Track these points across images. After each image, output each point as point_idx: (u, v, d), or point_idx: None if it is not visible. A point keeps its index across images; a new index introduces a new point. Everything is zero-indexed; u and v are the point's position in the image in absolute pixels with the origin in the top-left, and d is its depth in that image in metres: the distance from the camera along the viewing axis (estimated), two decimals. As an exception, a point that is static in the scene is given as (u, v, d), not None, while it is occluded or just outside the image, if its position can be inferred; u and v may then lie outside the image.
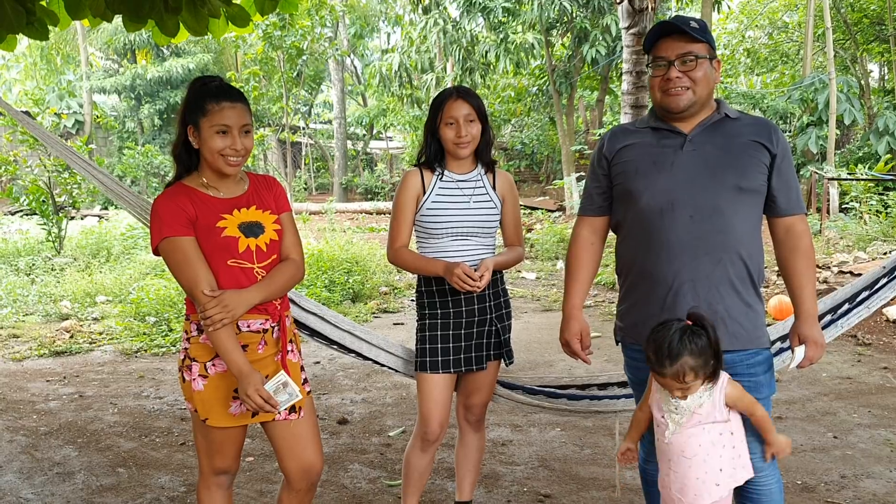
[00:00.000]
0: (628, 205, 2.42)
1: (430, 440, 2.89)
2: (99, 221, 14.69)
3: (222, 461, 2.46)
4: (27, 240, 11.53)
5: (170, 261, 2.28)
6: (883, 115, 17.05)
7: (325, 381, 5.47)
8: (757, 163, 2.30)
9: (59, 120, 13.83)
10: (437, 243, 2.83)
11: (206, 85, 2.31)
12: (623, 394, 3.28)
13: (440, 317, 2.84)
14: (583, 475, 3.76)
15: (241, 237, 2.32)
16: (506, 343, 2.92)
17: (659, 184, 2.32)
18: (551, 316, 7.74)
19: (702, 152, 2.31)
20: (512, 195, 2.94)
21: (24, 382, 5.52)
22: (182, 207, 2.28)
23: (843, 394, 5.03)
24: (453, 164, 2.85)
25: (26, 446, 4.23)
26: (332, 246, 10.22)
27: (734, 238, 2.29)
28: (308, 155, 26.48)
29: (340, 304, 8.07)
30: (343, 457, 4.05)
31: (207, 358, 2.33)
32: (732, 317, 2.30)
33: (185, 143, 2.35)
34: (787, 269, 2.40)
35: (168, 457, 4.08)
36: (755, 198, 2.32)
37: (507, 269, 2.99)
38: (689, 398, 2.18)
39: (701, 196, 2.28)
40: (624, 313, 2.50)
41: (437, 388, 2.85)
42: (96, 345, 6.67)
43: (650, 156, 2.36)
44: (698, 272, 2.29)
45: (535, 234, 12.17)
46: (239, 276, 2.31)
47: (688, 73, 2.28)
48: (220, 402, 2.34)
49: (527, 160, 22.80)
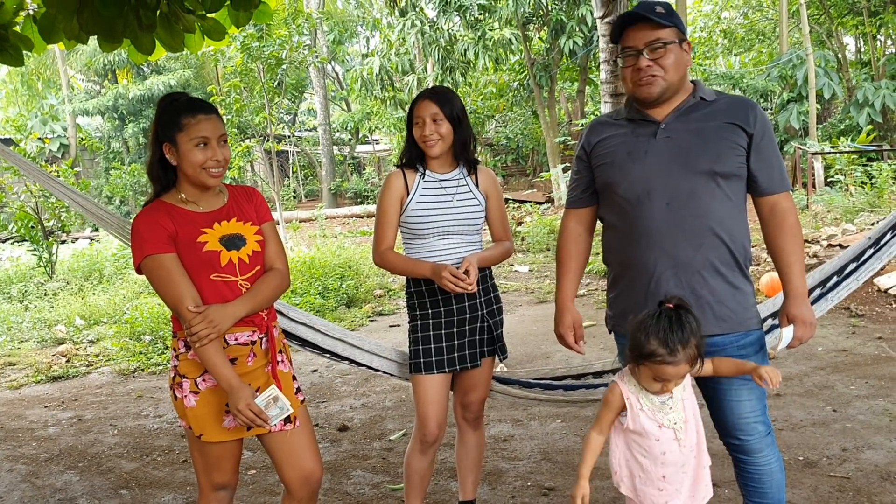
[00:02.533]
0: (608, 196, 2.44)
1: (429, 442, 2.90)
2: (90, 243, 14.63)
3: (220, 476, 2.46)
4: (18, 266, 11.49)
5: (153, 278, 2.28)
6: (862, 87, 17.15)
7: (324, 389, 5.47)
8: (732, 146, 2.29)
9: (43, 145, 13.79)
10: (423, 243, 2.84)
11: (176, 101, 2.32)
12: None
13: (432, 317, 2.85)
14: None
15: (223, 251, 2.32)
16: (499, 338, 2.93)
17: (634, 173, 2.34)
18: (546, 308, 7.76)
19: (676, 139, 2.31)
20: (496, 191, 2.95)
21: (23, 410, 5.50)
22: (161, 224, 2.27)
23: (840, 366, 5.06)
24: (434, 164, 2.87)
25: (27, 474, 4.22)
26: (323, 252, 10.22)
27: (714, 222, 2.29)
28: (295, 163, 26.42)
29: (335, 310, 8.07)
30: (345, 464, 4.06)
31: (197, 374, 2.33)
32: (718, 300, 2.31)
33: (160, 161, 2.33)
34: (773, 247, 2.40)
35: (170, 475, 4.07)
36: (734, 181, 2.32)
37: (496, 265, 3.00)
38: (674, 392, 2.17)
39: (676, 183, 2.29)
40: (612, 302, 2.52)
41: (433, 389, 2.85)
42: (93, 367, 6.66)
43: (625, 146, 2.38)
44: (679, 258, 2.30)
45: (526, 227, 12.18)
46: (223, 290, 2.31)
47: (657, 61, 2.28)
48: (214, 417, 2.34)
49: (513, 154, 22.84)
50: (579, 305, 2.58)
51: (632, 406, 2.18)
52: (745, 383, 2.34)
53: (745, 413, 2.36)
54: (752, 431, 2.37)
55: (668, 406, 2.17)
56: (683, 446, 2.18)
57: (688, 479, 2.23)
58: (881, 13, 19.14)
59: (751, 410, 2.36)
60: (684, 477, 2.22)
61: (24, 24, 3.80)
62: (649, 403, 2.17)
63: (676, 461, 2.19)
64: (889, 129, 17.63)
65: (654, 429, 2.17)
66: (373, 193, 22.60)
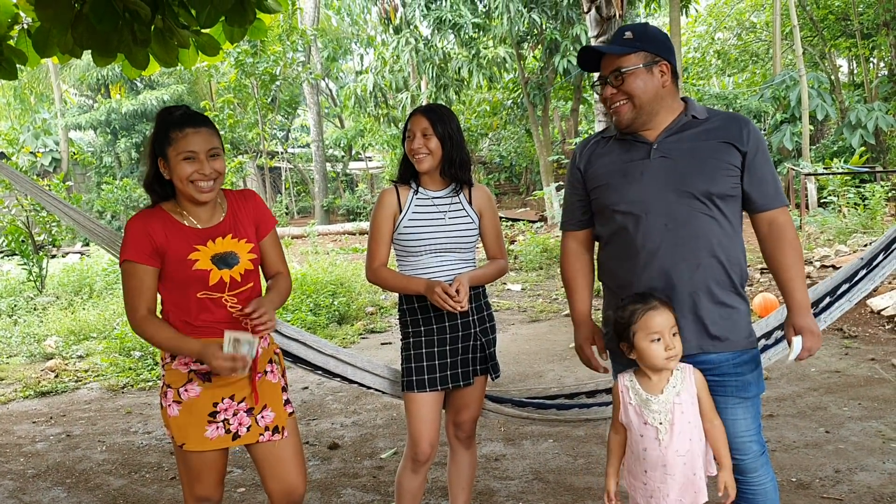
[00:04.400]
0: (604, 218, 2.43)
1: (420, 461, 2.87)
2: (80, 258, 14.56)
3: (202, 489, 2.44)
4: (8, 280, 11.41)
5: (124, 280, 2.33)
6: (855, 109, 17.28)
7: (315, 407, 5.43)
8: (725, 166, 2.28)
9: (35, 159, 13.76)
10: (416, 260, 2.84)
11: (170, 114, 2.34)
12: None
13: (424, 334, 2.84)
14: (577, 485, 3.75)
15: (214, 269, 2.33)
16: (491, 357, 2.91)
17: (630, 195, 2.33)
18: (538, 327, 7.75)
19: (670, 159, 2.31)
20: (490, 208, 2.94)
21: (10, 425, 5.44)
22: (151, 236, 2.29)
23: (833, 387, 5.05)
24: (427, 181, 2.87)
25: (14, 490, 4.17)
26: (315, 269, 10.19)
27: (712, 242, 2.29)
28: (288, 179, 26.44)
29: (327, 328, 8.03)
30: (336, 482, 4.02)
31: (180, 384, 2.35)
32: (713, 320, 2.30)
33: (157, 176, 2.35)
34: (774, 262, 2.39)
35: (158, 492, 4.03)
36: (729, 201, 2.32)
37: (490, 283, 2.99)
38: (664, 392, 2.22)
39: (673, 203, 2.28)
40: (605, 322, 2.51)
41: (425, 407, 2.83)
42: (82, 382, 6.60)
43: (619, 168, 2.37)
44: (676, 279, 2.29)
45: (519, 246, 12.19)
46: (209, 306, 2.34)
47: (620, 88, 2.29)
48: (195, 426, 2.36)
49: (506, 173, 22.91)
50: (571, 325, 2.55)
51: (622, 398, 2.30)
52: (741, 402, 2.33)
53: (741, 432, 2.34)
54: (746, 451, 2.35)
55: (652, 403, 2.24)
56: (665, 448, 2.21)
57: (675, 484, 2.24)
58: (874, 36, 19.36)
59: (745, 430, 2.34)
60: (668, 479, 2.23)
61: (19, 37, 3.79)
62: (636, 398, 2.27)
63: (656, 461, 2.23)
64: (882, 150, 17.77)
65: (639, 424, 2.26)
66: (365, 210, 22.65)
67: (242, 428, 2.41)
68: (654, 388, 2.25)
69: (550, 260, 11.35)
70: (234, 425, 2.40)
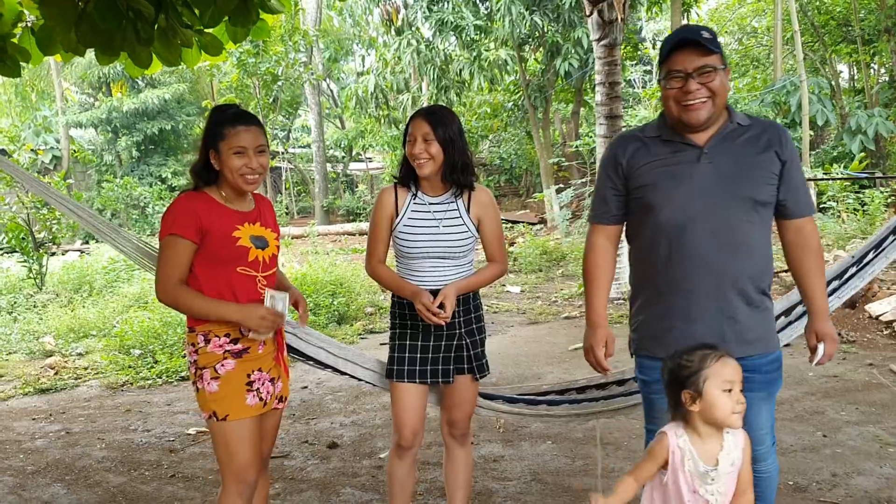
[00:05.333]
0: (646, 218, 2.43)
1: (404, 447, 2.95)
2: (80, 256, 14.57)
3: (244, 460, 2.56)
4: (8, 277, 11.41)
5: (163, 253, 2.51)
6: (855, 115, 17.30)
7: (314, 406, 5.44)
8: (768, 174, 2.33)
9: (35, 156, 13.76)
10: (412, 263, 2.89)
11: (223, 112, 2.56)
12: (601, 395, 3.32)
13: (409, 328, 2.91)
14: (576, 487, 3.76)
15: (252, 248, 2.56)
16: (476, 357, 2.93)
17: (678, 199, 2.34)
18: (537, 329, 7.76)
19: (717, 165, 2.33)
20: (490, 213, 2.94)
21: (10, 422, 5.45)
22: (198, 214, 2.49)
23: (831, 392, 5.07)
24: (425, 185, 2.89)
25: (13, 486, 4.18)
26: (315, 269, 10.20)
27: (751, 248, 2.34)
28: (288, 179, 26.45)
29: (326, 327, 8.05)
30: (335, 481, 4.03)
31: (216, 361, 2.53)
32: (749, 326, 2.36)
33: (206, 165, 2.54)
34: (798, 268, 2.46)
35: (158, 490, 4.04)
36: (767, 208, 2.38)
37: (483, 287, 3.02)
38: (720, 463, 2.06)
39: (719, 209, 2.31)
40: (641, 325, 2.52)
41: (407, 396, 2.91)
42: (82, 380, 6.61)
43: (668, 170, 2.37)
44: (717, 284, 2.33)
45: (518, 248, 12.21)
46: (245, 282, 2.56)
47: (706, 85, 2.28)
48: (236, 396, 2.53)
49: (506, 175, 22.90)
50: (570, 327, 2.58)
51: (674, 460, 2.06)
52: (765, 397, 2.41)
53: (760, 425, 2.42)
54: (762, 442, 2.43)
55: (709, 477, 2.06)
56: None
57: None
58: (875, 41, 19.36)
59: (764, 423, 2.43)
60: None
61: (23, 35, 3.81)
62: (692, 466, 2.05)
63: None
64: (881, 156, 17.77)
65: (687, 492, 2.06)
66: (365, 211, 22.64)
67: (269, 397, 2.62)
68: (709, 456, 2.07)
69: (550, 262, 11.37)
70: (264, 394, 2.60)
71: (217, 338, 2.53)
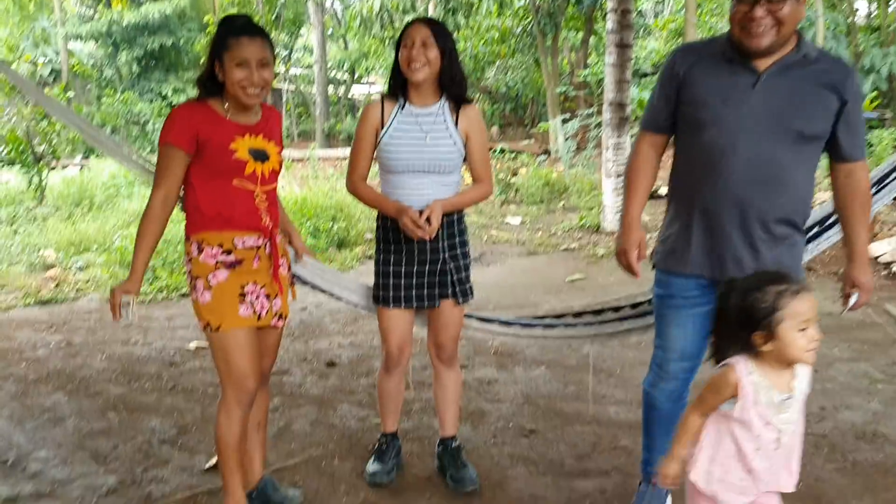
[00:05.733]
0: (691, 135, 2.42)
1: (392, 364, 3.05)
2: (80, 171, 14.49)
3: (240, 369, 2.58)
4: (8, 190, 11.38)
5: (159, 161, 2.52)
6: (869, 54, 16.97)
7: (313, 326, 5.51)
8: (824, 109, 2.29)
9: (34, 68, 13.56)
10: (395, 178, 2.85)
11: (231, 23, 2.51)
12: (596, 320, 3.34)
13: (394, 252, 2.91)
14: (567, 411, 3.84)
15: (250, 160, 2.53)
16: (460, 282, 2.95)
17: (725, 121, 2.32)
18: (536, 260, 7.79)
19: (772, 93, 2.29)
20: (478, 130, 2.90)
21: (11, 331, 5.52)
22: (195, 125, 2.47)
23: (825, 329, 5.01)
24: (414, 95, 2.83)
25: (16, 394, 4.26)
26: (315, 193, 10.16)
27: (788, 183, 2.32)
28: (289, 101, 26.10)
29: (326, 251, 8.07)
30: (332, 398, 4.11)
31: (208, 272, 2.53)
32: (776, 258, 2.36)
33: (211, 76, 2.52)
34: (843, 213, 2.45)
35: (158, 401, 4.11)
36: (816, 143, 2.34)
37: (468, 207, 3.01)
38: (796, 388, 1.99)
39: (763, 138, 2.29)
40: (667, 238, 2.56)
41: (393, 320, 2.97)
42: (82, 293, 6.66)
43: (721, 90, 2.34)
44: (748, 212, 2.33)
45: (520, 179, 12.13)
46: (242, 196, 2.54)
47: (774, 13, 2.20)
48: (229, 306, 2.54)
49: (511, 103, 22.60)
50: (569, 259, 2.59)
51: (746, 395, 1.96)
52: None
53: None
54: None
55: (785, 405, 1.97)
56: (780, 448, 2.01)
57: (774, 477, 2.05)
58: (894, -23, 18.86)
59: None
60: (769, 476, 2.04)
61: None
62: (767, 398, 1.96)
63: (766, 463, 2.01)
64: (894, 97, 17.52)
65: (760, 425, 1.98)
66: (368, 136, 22.39)
67: (263, 311, 2.62)
68: (783, 384, 1.99)
69: (552, 194, 11.31)
70: (259, 307, 2.60)
71: (210, 247, 2.53)
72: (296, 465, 3.32)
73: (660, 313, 2.62)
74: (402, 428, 3.40)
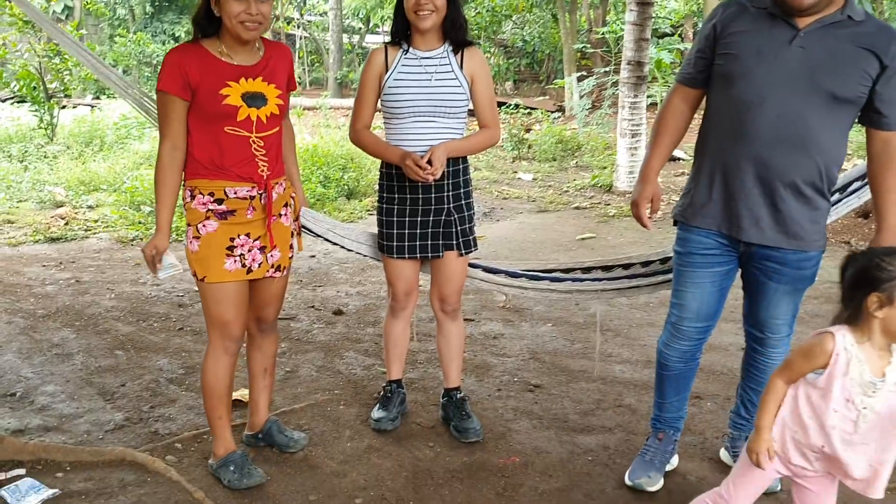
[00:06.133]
0: (721, 88, 2.39)
1: (397, 308, 3.09)
2: (91, 111, 14.42)
3: (223, 317, 2.58)
4: (19, 127, 11.35)
5: (159, 111, 2.48)
6: (894, 21, 16.64)
7: (321, 275, 5.51)
8: (861, 73, 2.22)
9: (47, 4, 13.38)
10: (400, 124, 2.82)
11: None
12: (605, 277, 3.32)
13: (397, 202, 2.90)
14: (572, 367, 3.85)
15: (243, 106, 2.43)
16: (464, 234, 2.93)
17: (755, 75, 2.28)
18: (546, 217, 7.75)
19: (808, 52, 2.23)
20: (483, 73, 2.87)
21: (21, 267, 5.55)
22: (185, 69, 2.38)
23: (833, 297, 5.06)
24: (418, 40, 2.81)
25: (25, 328, 4.29)
26: (326, 142, 10.10)
27: (815, 144, 2.27)
28: (302, 48, 25.81)
29: (336, 200, 8.05)
30: (339, 345, 4.13)
31: (198, 220, 2.49)
32: (795, 219, 2.34)
33: (207, 12, 2.43)
34: (875, 181, 2.39)
35: (166, 341, 4.14)
36: (848, 107, 2.28)
37: (475, 154, 2.97)
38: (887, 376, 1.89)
39: (793, 97, 2.24)
40: (687, 192, 2.54)
41: (398, 267, 2.99)
42: (91, 232, 6.68)
43: (756, 44, 2.29)
44: (771, 171, 2.30)
45: (534, 135, 12.03)
46: (235, 143, 2.46)
47: None
48: (215, 258, 2.50)
49: (527, 59, 22.27)
50: (580, 217, 2.56)
51: (836, 363, 1.89)
52: (790, 292, 2.44)
53: (778, 315, 2.49)
54: (776, 331, 2.51)
55: (872, 389, 1.88)
56: (857, 432, 1.91)
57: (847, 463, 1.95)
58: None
59: (783, 314, 2.49)
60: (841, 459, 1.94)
61: None
62: (858, 373, 1.88)
63: (839, 441, 1.92)
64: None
65: (840, 399, 1.90)
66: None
67: (255, 264, 2.57)
68: (876, 367, 1.89)
69: (565, 152, 11.22)
70: (249, 261, 2.55)
71: (201, 195, 2.48)
72: (302, 408, 3.34)
73: (678, 271, 2.61)
74: (407, 378, 3.42)
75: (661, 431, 2.78)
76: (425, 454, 2.96)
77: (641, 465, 2.73)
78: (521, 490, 2.71)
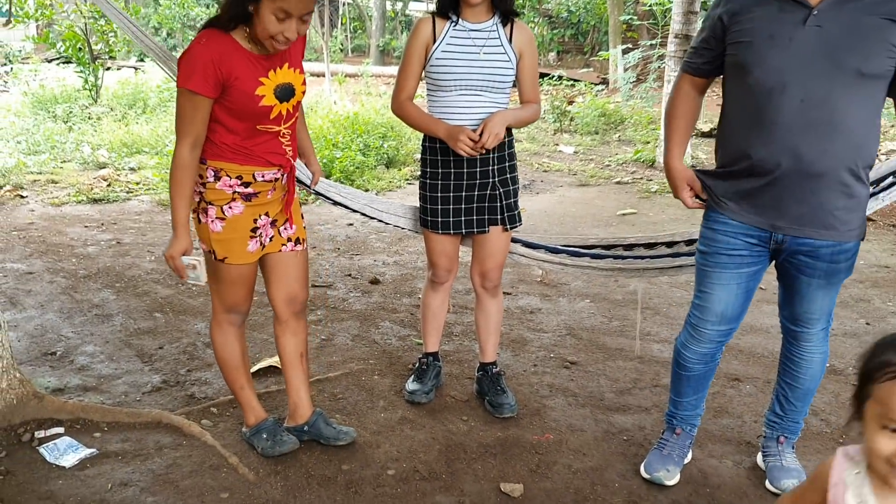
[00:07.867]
0: (737, 78, 2.27)
1: (438, 282, 3.06)
2: (135, 73, 14.54)
3: (236, 297, 2.58)
4: (64, 87, 11.47)
5: (179, 107, 2.32)
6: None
7: (359, 243, 5.50)
8: (886, 46, 2.08)
9: (92, -35, 13.47)
10: (445, 97, 2.76)
11: None
12: (648, 255, 3.23)
13: (441, 177, 2.85)
14: (610, 345, 3.79)
15: (276, 104, 2.37)
16: (508, 208, 2.88)
17: (772, 61, 2.15)
18: (587, 191, 7.65)
19: (825, 30, 2.10)
20: (531, 50, 2.81)
21: (63, 227, 5.62)
22: (217, 68, 2.25)
23: (880, 282, 4.96)
24: (468, 12, 2.73)
25: (66, 287, 4.35)
26: (367, 109, 10.06)
27: (846, 126, 2.13)
28: (345, 14, 25.70)
29: (374, 169, 8.02)
30: (375, 314, 4.12)
31: (224, 202, 2.44)
32: (831, 209, 2.21)
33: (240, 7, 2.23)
34: None
35: (204, 305, 4.17)
36: (877, 83, 2.14)
37: (518, 129, 2.91)
38: None
39: (816, 79, 2.11)
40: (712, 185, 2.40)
41: (441, 243, 2.95)
42: (133, 194, 6.74)
43: (768, 28, 2.16)
44: (802, 159, 2.15)
45: (577, 108, 11.85)
46: (266, 138, 2.43)
47: None
48: (239, 241, 2.48)
49: (572, 29, 21.90)
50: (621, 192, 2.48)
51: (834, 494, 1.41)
52: (825, 286, 2.34)
53: (812, 310, 2.40)
54: (812, 325, 2.42)
55: None
56: None
57: None
58: None
59: (818, 308, 2.39)
60: None
61: None
62: None
63: None
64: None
65: None
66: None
67: (267, 239, 2.55)
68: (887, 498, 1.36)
69: (608, 125, 11.04)
70: (265, 237, 2.54)
71: (228, 177, 2.41)
72: (336, 377, 3.34)
73: (702, 271, 2.46)
74: (441, 350, 3.39)
75: (678, 427, 2.69)
76: (459, 428, 2.94)
77: (659, 459, 2.64)
78: (554, 468, 2.68)
